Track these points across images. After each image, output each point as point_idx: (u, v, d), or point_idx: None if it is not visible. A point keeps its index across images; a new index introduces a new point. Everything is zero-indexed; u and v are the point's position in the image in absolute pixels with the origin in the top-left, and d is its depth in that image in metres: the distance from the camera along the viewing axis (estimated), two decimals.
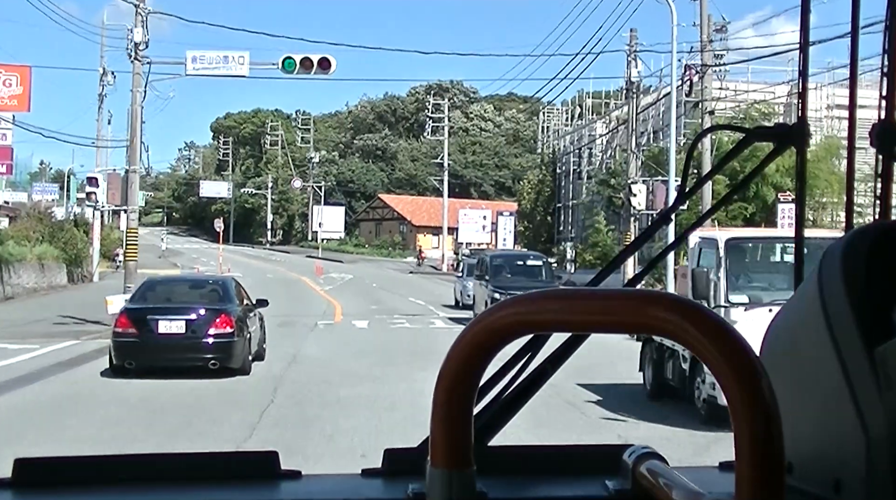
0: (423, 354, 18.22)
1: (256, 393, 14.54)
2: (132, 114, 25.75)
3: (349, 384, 15.25)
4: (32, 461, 1.41)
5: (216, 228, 69.70)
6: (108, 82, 52.70)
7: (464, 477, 0.95)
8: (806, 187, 1.85)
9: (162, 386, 15.16)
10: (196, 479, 1.42)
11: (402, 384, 14.86)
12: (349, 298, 40.02)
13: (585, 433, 11.52)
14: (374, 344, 21.69)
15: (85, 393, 14.63)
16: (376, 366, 17.20)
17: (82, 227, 53.04)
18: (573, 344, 1.47)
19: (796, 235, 1.74)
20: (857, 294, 1.11)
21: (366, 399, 13.75)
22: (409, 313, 32.37)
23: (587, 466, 1.43)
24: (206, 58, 25.11)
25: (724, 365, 0.82)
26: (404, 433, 10.03)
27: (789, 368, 1.21)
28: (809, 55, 1.57)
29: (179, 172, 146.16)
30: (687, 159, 1.86)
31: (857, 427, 1.06)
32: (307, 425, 12.00)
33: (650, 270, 1.74)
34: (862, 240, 1.18)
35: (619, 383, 15.42)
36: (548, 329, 0.96)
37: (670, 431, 11.79)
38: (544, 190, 65.45)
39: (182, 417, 12.66)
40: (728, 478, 0.88)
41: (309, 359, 18.38)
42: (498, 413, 1.46)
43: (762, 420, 0.80)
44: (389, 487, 1.40)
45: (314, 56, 24.52)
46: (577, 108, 64.96)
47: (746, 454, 0.80)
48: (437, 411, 0.93)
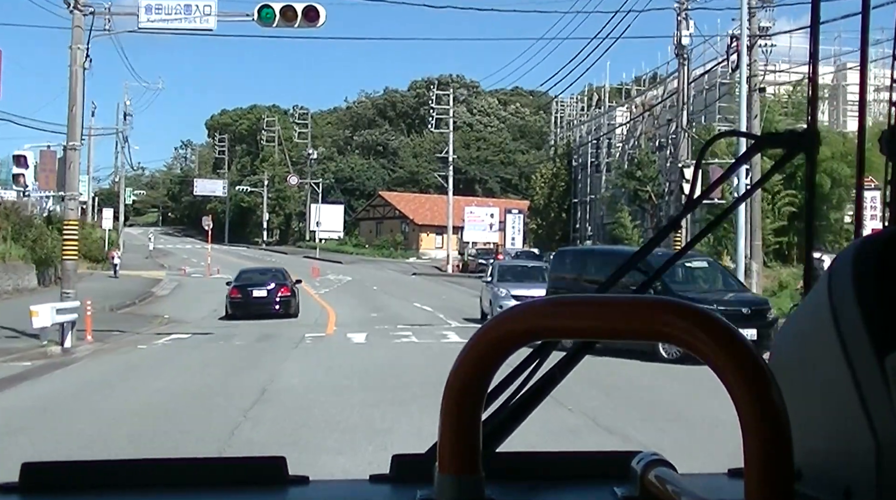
0: (439, 383, 12.61)
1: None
2: (72, 76, 20.91)
3: (332, 447, 9.82)
4: (39, 466, 1.41)
5: (204, 225, 65.70)
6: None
7: (472, 483, 0.95)
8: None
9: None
10: (203, 484, 1.41)
11: (412, 439, 9.74)
12: (346, 303, 35.76)
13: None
14: (374, 368, 16.78)
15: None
16: (376, 407, 12.11)
17: (56, 224, 48.80)
18: (581, 351, 1.46)
19: (807, 241, 1.77)
20: (867, 300, 1.09)
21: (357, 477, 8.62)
22: (415, 322, 27.54)
23: (595, 472, 1.43)
24: (163, 7, 20.29)
25: (732, 372, 0.82)
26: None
27: (799, 374, 1.19)
28: (819, 64, 1.57)
29: (176, 170, 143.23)
30: (696, 166, 1.72)
31: (868, 434, 1.05)
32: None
33: (658, 277, 1.65)
34: (873, 246, 1.16)
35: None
36: (556, 336, 0.95)
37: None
38: (559, 184, 60.74)
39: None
40: (737, 485, 0.92)
41: (282, 395, 13.32)
42: (506, 420, 1.44)
43: (771, 427, 0.81)
44: (397, 493, 1.40)
45: (298, 5, 19.63)
46: (594, 95, 59.95)
47: (756, 460, 0.80)
48: (446, 418, 0.93)
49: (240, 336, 23.15)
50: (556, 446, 7.21)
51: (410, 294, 41.08)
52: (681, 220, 1.73)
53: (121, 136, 67.27)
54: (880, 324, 1.06)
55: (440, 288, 47.80)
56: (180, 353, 19.49)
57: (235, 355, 18.82)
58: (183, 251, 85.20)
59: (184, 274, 55.74)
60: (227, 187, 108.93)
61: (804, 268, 1.66)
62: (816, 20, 1.54)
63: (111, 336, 22.75)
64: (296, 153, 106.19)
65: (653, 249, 1.73)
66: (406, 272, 64.08)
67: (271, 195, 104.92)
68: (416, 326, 26.21)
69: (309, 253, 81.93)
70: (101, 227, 65.91)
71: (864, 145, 1.70)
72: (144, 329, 25.15)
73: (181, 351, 19.83)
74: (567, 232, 60.85)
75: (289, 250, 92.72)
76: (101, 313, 30.29)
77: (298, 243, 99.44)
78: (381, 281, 51.72)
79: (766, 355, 1.01)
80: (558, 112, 67.14)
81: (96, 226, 66.57)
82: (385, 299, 39.08)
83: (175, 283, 48.98)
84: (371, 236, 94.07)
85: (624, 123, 53.45)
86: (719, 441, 10.31)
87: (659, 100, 47.95)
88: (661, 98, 47.76)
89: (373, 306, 34.96)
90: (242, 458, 1.48)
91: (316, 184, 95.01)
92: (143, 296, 39.80)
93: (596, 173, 57.26)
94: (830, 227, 37.07)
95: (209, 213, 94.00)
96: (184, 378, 15.17)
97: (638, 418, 11.69)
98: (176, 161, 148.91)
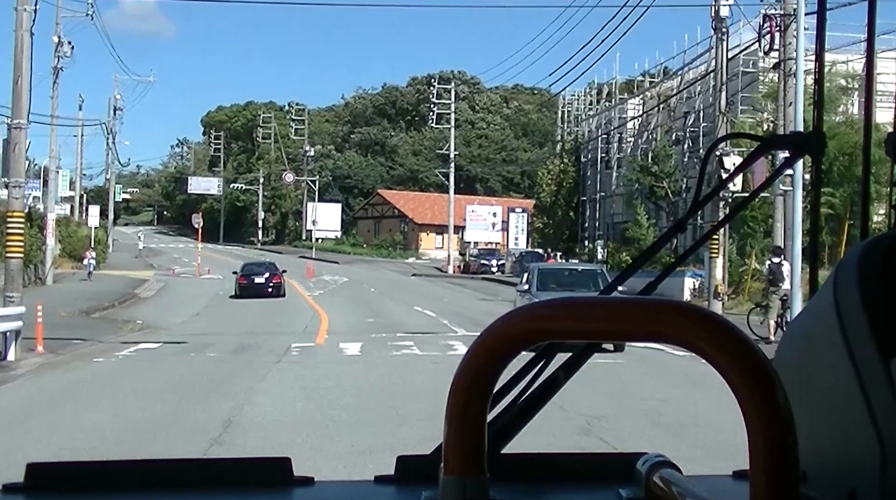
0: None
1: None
2: (17, 42, 17.84)
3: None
4: (44, 466, 1.40)
5: (194, 223, 63.13)
6: (63, 53, 46.09)
7: (477, 485, 0.95)
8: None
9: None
10: (208, 485, 1.40)
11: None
12: (341, 307, 32.95)
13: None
14: (368, 391, 13.80)
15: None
16: (369, 455, 9.13)
17: (36, 221, 46.17)
18: (587, 352, 1.46)
19: (811, 243, 1.87)
20: (872, 303, 1.10)
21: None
22: (416, 329, 24.61)
23: (600, 474, 1.43)
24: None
25: (738, 374, 0.83)
26: None
27: (804, 377, 1.20)
28: (825, 65, 1.64)
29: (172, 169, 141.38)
30: (702, 168, 1.58)
31: (873, 437, 1.05)
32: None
33: (664, 278, 1.60)
34: (878, 248, 1.17)
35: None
36: (562, 337, 0.96)
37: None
38: (566, 181, 57.79)
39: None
40: (742, 487, 0.93)
41: (247, 434, 10.21)
42: (511, 421, 1.44)
43: (777, 429, 0.81)
44: (402, 494, 1.39)
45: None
46: (603, 89, 56.95)
47: (761, 462, 0.81)
48: (451, 419, 0.94)
49: (216, 346, 20.19)
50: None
51: (410, 297, 38.19)
52: (687, 221, 1.62)
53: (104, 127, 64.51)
54: (885, 327, 1.07)
55: (442, 290, 44.97)
56: (139, 369, 16.51)
57: (204, 372, 15.85)
58: (175, 251, 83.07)
59: (172, 274, 53.27)
60: (223, 185, 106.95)
61: (809, 269, 1.56)
62: (822, 25, 1.53)
63: (69, 346, 19.77)
64: (292, 151, 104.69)
65: (659, 250, 1.71)
66: (405, 273, 61.44)
67: (267, 194, 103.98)
68: (418, 334, 23.25)
69: (305, 253, 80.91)
70: (86, 224, 63.18)
71: (870, 149, 1.65)
72: (110, 337, 22.14)
73: (141, 366, 16.85)
74: (575, 231, 57.94)
75: (284, 249, 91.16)
76: (70, 318, 27.49)
77: (295, 243, 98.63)
78: (380, 282, 49.00)
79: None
80: (565, 107, 64.13)
81: (82, 224, 63.96)
82: (383, 302, 36.20)
83: (161, 283, 46.36)
84: (369, 236, 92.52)
85: (637, 117, 50.46)
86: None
87: (675, 91, 44.97)
88: (678, 89, 44.79)
89: (370, 310, 32.03)
90: (247, 458, 1.44)
91: (313, 182, 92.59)
92: (125, 298, 36.94)
93: (606, 170, 54.32)
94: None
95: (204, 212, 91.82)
96: (129, 406, 12.18)
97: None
98: (172, 159, 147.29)
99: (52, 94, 46.09)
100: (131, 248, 79.09)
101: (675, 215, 40.89)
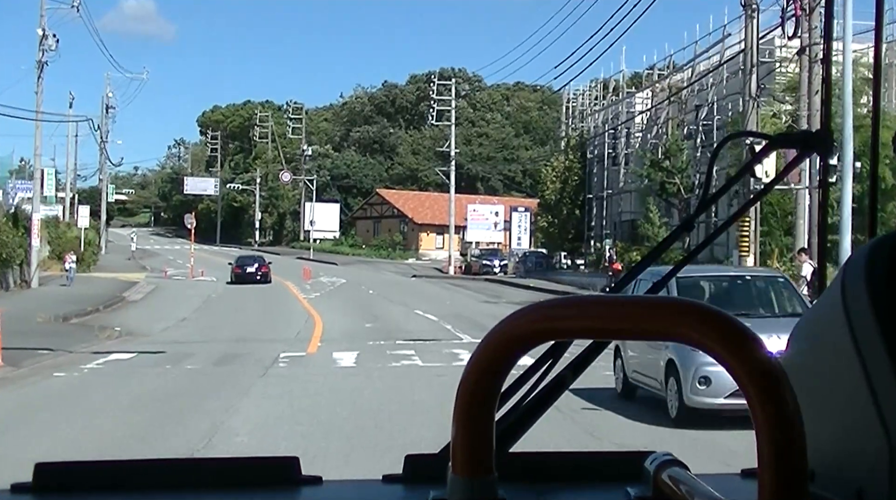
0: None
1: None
2: None
3: None
4: (52, 466, 1.40)
5: (187, 223, 61.38)
6: (48, 46, 44.42)
7: (485, 484, 0.95)
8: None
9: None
10: (216, 485, 1.40)
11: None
12: (337, 310, 31.19)
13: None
14: (363, 412, 11.90)
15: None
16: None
17: (22, 223, 44.41)
18: (594, 351, 1.45)
19: (819, 242, 1.92)
20: (881, 301, 1.09)
21: None
22: (417, 335, 22.75)
23: (609, 473, 1.43)
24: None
25: (745, 372, 0.83)
26: None
27: (812, 375, 1.20)
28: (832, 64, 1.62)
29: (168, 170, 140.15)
30: (710, 167, 1.70)
31: (881, 436, 1.05)
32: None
33: (671, 277, 1.61)
34: (886, 246, 1.15)
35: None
36: (569, 336, 0.97)
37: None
38: (571, 178, 55.87)
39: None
40: (750, 485, 0.92)
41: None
42: (519, 420, 1.44)
43: (784, 428, 0.82)
44: (410, 493, 1.40)
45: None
46: (610, 82, 55.06)
47: (769, 461, 0.81)
48: (459, 418, 0.94)
49: (198, 356, 18.29)
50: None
51: (411, 299, 36.32)
52: (695, 220, 1.62)
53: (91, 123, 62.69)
54: (893, 325, 1.07)
55: (444, 292, 43.16)
56: (104, 385, 14.60)
57: (177, 389, 13.97)
58: (169, 252, 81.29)
59: (164, 276, 51.55)
60: (219, 186, 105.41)
61: (817, 268, 1.41)
62: (829, 24, 1.74)
63: (34, 357, 17.87)
64: (290, 150, 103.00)
65: (666, 249, 1.71)
66: (405, 274, 59.69)
67: (264, 194, 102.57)
68: (420, 341, 21.37)
69: (302, 254, 79.42)
70: (76, 225, 61.37)
71: (878, 149, 1.44)
72: (81, 347, 20.20)
73: (107, 381, 14.94)
74: (581, 230, 56.08)
75: (282, 250, 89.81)
76: (46, 324, 25.65)
77: (292, 244, 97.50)
78: (378, 284, 47.21)
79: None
80: (570, 102, 62.25)
81: (72, 225, 62.14)
82: (382, 305, 34.33)
83: (152, 286, 44.66)
84: (368, 236, 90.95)
85: (645, 110, 48.54)
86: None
87: (686, 83, 43.09)
88: (689, 81, 42.92)
89: (368, 313, 30.16)
90: (255, 458, 1.44)
91: (310, 181, 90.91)
92: (111, 301, 35.08)
93: (613, 166, 52.44)
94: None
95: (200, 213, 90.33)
96: (81, 434, 10.29)
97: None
98: (169, 160, 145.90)
99: (37, 89, 44.40)
100: (125, 250, 77.41)
101: (688, 213, 39.06)
